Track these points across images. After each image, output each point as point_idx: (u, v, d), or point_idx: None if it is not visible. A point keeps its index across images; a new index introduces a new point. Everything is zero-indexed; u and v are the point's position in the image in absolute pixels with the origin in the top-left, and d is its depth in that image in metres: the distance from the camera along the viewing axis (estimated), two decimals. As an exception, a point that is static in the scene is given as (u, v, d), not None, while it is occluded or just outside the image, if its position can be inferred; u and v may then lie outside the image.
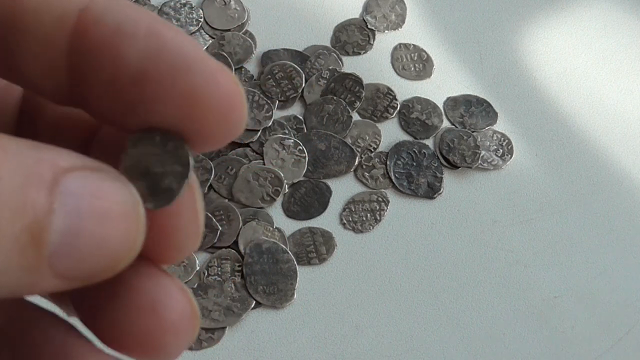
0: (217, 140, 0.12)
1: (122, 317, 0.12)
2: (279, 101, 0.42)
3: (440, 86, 0.44)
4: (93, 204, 0.11)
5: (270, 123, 0.41)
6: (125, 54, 0.12)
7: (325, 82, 0.43)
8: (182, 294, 0.13)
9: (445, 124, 0.43)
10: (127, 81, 0.12)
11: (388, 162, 0.41)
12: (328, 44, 0.44)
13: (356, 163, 0.41)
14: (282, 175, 0.40)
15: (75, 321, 0.14)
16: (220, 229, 0.39)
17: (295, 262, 0.38)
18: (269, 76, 0.43)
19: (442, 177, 0.41)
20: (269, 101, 0.42)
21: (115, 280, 0.12)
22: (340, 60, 0.44)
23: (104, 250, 0.11)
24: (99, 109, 0.13)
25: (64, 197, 0.11)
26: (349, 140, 0.41)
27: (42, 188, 0.10)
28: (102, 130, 0.14)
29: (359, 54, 0.44)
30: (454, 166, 0.41)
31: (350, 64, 0.44)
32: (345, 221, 0.40)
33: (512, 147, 0.42)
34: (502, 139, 0.42)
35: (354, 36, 0.45)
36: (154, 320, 0.12)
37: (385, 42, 0.45)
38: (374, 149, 0.41)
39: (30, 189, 0.10)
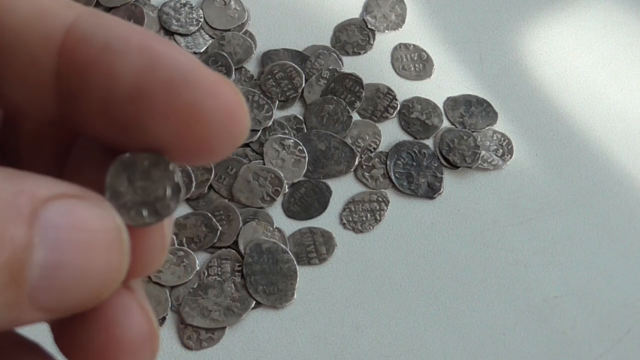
0: (218, 153, 0.12)
1: (79, 331, 0.12)
2: (279, 101, 0.42)
3: (440, 86, 0.44)
4: (74, 235, 0.11)
5: (270, 123, 0.41)
6: (118, 71, 0.11)
7: (325, 82, 0.43)
8: (141, 313, 0.12)
9: (445, 124, 0.43)
10: (121, 99, 0.11)
11: (388, 162, 0.41)
12: (328, 44, 0.44)
13: (356, 163, 0.41)
14: (282, 175, 0.40)
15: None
16: (220, 229, 0.39)
17: (295, 262, 0.38)
18: (269, 76, 0.43)
19: (442, 177, 0.41)
20: (269, 101, 0.42)
21: None
22: (340, 60, 0.44)
23: (87, 282, 0.11)
24: (92, 130, 0.12)
25: (44, 230, 0.10)
26: (349, 140, 0.41)
27: (21, 222, 0.10)
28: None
29: (359, 54, 0.44)
30: (454, 166, 0.41)
31: (350, 64, 0.44)
32: (345, 221, 0.40)
33: (512, 147, 0.42)
34: (502, 139, 0.42)
35: (354, 36, 0.45)
36: (108, 338, 0.12)
37: (385, 42, 0.45)
38: (374, 149, 0.41)
39: (8, 225, 0.10)
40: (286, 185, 0.40)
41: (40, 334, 0.14)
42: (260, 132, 0.41)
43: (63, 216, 0.11)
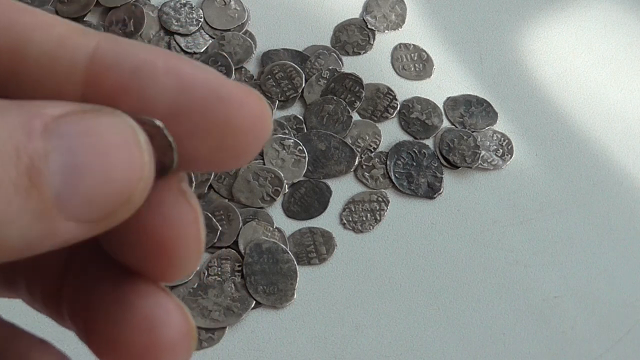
0: (247, 158, 0.12)
1: (119, 333, 0.12)
2: (279, 101, 0.42)
3: (440, 86, 0.44)
4: (89, 139, 0.11)
5: (270, 123, 0.41)
6: (149, 94, 0.12)
7: (325, 82, 0.43)
8: (180, 312, 0.13)
9: (445, 124, 0.43)
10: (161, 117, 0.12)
11: (388, 162, 0.41)
12: (328, 44, 0.44)
13: (356, 163, 0.41)
14: (282, 175, 0.40)
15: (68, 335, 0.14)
16: (220, 229, 0.39)
17: (295, 262, 0.38)
18: (269, 76, 0.43)
19: (442, 177, 0.41)
20: (269, 101, 0.42)
21: (113, 297, 0.12)
22: (340, 60, 0.44)
23: (111, 183, 0.11)
24: None
25: (59, 139, 0.11)
26: (349, 140, 0.41)
27: (34, 135, 0.10)
28: None
29: (359, 54, 0.44)
30: (454, 166, 0.41)
31: (350, 64, 0.44)
32: (345, 221, 0.40)
33: (512, 147, 0.42)
34: (502, 139, 0.42)
35: (354, 36, 0.45)
36: (151, 338, 0.12)
37: (385, 42, 0.45)
38: (374, 149, 0.41)
39: (21, 138, 0.10)
40: (286, 185, 0.40)
41: (51, 334, 0.14)
42: (260, 132, 0.41)
43: (76, 126, 0.11)
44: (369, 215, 0.40)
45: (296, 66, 0.43)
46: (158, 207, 0.12)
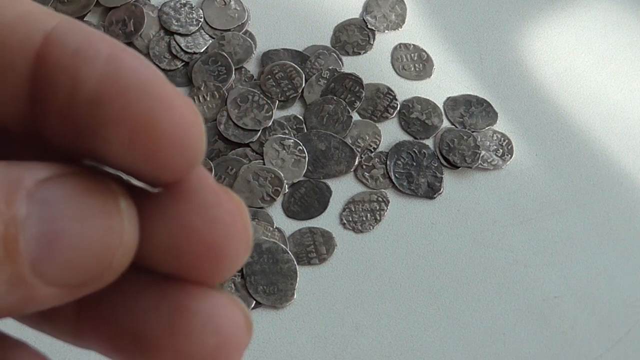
0: (169, 170, 0.12)
1: (182, 343, 0.12)
2: (279, 101, 0.42)
3: (440, 86, 0.44)
4: (66, 206, 0.11)
5: (270, 123, 0.41)
6: (83, 76, 0.11)
7: (325, 82, 0.43)
8: (237, 306, 0.13)
9: (445, 124, 0.43)
10: (82, 104, 0.12)
11: (388, 162, 0.41)
12: (328, 44, 0.44)
13: (356, 163, 0.41)
14: (282, 175, 0.40)
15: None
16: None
17: (295, 262, 0.38)
18: (269, 76, 0.43)
19: (442, 177, 0.41)
20: (269, 101, 0.42)
21: (165, 307, 0.12)
22: (340, 60, 0.44)
23: (89, 249, 0.11)
24: (52, 137, 0.12)
25: (36, 206, 0.11)
26: (349, 140, 0.41)
27: (14, 201, 0.11)
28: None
29: (359, 54, 0.44)
30: (454, 166, 0.41)
31: (350, 64, 0.44)
32: (345, 221, 0.40)
33: (512, 147, 0.42)
34: (502, 139, 0.42)
35: (354, 36, 0.45)
36: (219, 340, 0.12)
37: (385, 42, 0.45)
38: (374, 149, 0.41)
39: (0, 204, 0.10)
40: (286, 185, 0.40)
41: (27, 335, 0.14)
42: (260, 132, 0.41)
43: (55, 191, 0.11)
44: (369, 215, 0.40)
45: (296, 66, 0.43)
46: (201, 208, 0.12)
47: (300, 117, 0.42)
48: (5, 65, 0.12)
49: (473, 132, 0.42)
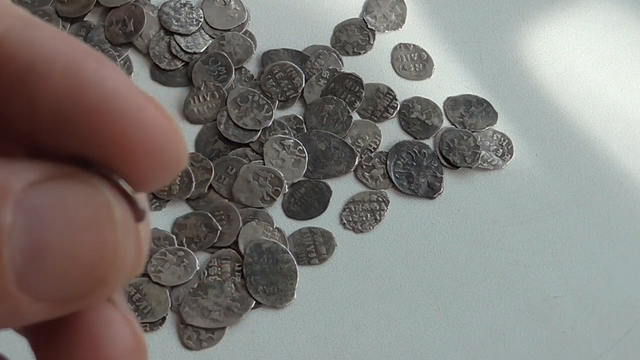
0: (152, 182, 0.11)
1: (64, 351, 0.11)
2: (279, 101, 0.42)
3: (440, 86, 0.44)
4: (55, 214, 0.10)
5: (270, 123, 0.41)
6: (40, 95, 0.10)
7: (325, 82, 0.43)
8: (127, 327, 0.12)
9: (445, 124, 0.43)
10: (43, 122, 0.10)
11: (388, 162, 0.41)
12: (328, 44, 0.44)
13: (356, 163, 0.41)
14: (282, 175, 0.40)
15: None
16: (220, 229, 0.39)
17: (295, 262, 0.38)
18: (269, 76, 0.43)
19: (442, 177, 0.41)
20: (269, 101, 0.42)
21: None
22: (340, 60, 0.44)
23: (79, 263, 0.10)
24: (27, 148, 0.11)
25: (23, 213, 0.10)
26: (349, 140, 0.41)
27: None
28: None
29: (359, 54, 0.44)
30: (454, 166, 0.41)
31: (350, 64, 0.44)
32: (345, 221, 0.40)
33: (512, 147, 0.42)
34: (502, 139, 0.42)
35: (354, 36, 0.45)
36: (96, 356, 0.11)
37: (385, 42, 0.45)
38: (374, 149, 0.41)
39: None
40: (286, 185, 0.40)
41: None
42: (260, 132, 0.41)
43: (44, 197, 0.10)
44: (369, 215, 0.40)
45: (296, 66, 0.43)
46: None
47: (300, 117, 0.42)
48: None
49: (473, 132, 0.42)
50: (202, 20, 0.44)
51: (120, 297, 0.12)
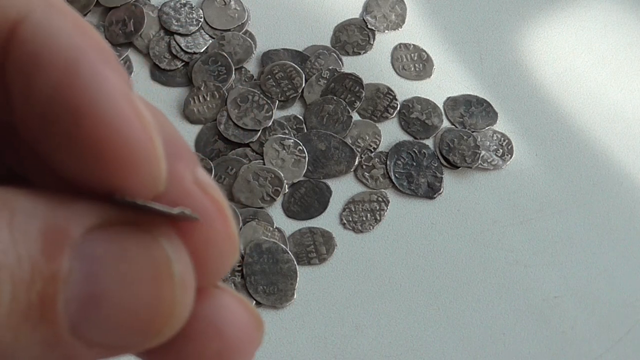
0: (136, 191, 0.11)
1: (184, 346, 0.11)
2: (279, 101, 0.42)
3: (440, 86, 0.44)
4: (114, 265, 0.10)
5: (270, 123, 0.41)
6: (34, 87, 0.10)
7: (325, 82, 0.43)
8: (243, 308, 0.12)
9: (445, 124, 0.43)
10: (33, 113, 0.10)
11: (388, 162, 0.41)
12: (328, 44, 0.44)
13: (356, 163, 0.41)
14: (282, 175, 0.40)
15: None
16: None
17: (295, 262, 0.38)
18: (269, 76, 0.43)
19: (442, 177, 0.41)
20: (269, 101, 0.42)
21: None
22: (340, 60, 0.44)
23: (135, 316, 0.10)
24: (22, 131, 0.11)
25: (81, 261, 0.10)
26: (349, 140, 0.41)
27: (54, 255, 0.09)
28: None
29: (359, 54, 0.44)
30: (454, 166, 0.41)
31: (350, 64, 0.44)
32: (345, 221, 0.40)
33: (512, 147, 0.42)
34: (502, 139, 0.42)
35: (354, 36, 0.45)
36: (221, 343, 0.11)
37: (385, 42, 0.45)
38: (374, 149, 0.41)
39: (40, 256, 0.09)
40: (286, 185, 0.40)
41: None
42: (260, 132, 0.41)
43: (103, 245, 0.10)
44: (369, 215, 0.40)
45: (296, 66, 0.43)
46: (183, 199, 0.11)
47: (300, 117, 0.42)
48: None
49: (473, 132, 0.42)
50: (202, 20, 0.44)
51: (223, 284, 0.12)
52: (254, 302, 0.37)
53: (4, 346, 0.09)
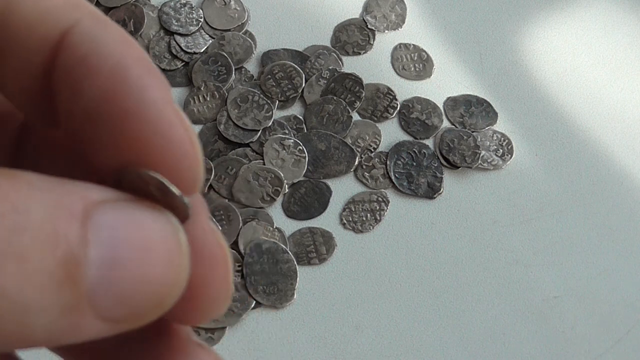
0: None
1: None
2: (279, 101, 0.42)
3: (440, 86, 0.44)
4: (131, 233, 0.10)
5: (270, 123, 0.41)
6: (84, 89, 0.11)
7: (325, 82, 0.43)
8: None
9: (445, 124, 0.43)
10: (79, 114, 0.11)
11: (388, 162, 0.41)
12: (328, 44, 0.44)
13: (356, 163, 0.41)
14: (282, 175, 0.40)
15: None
16: (220, 229, 0.39)
17: (295, 262, 0.38)
18: (269, 76, 0.43)
19: (442, 177, 0.41)
20: (269, 101, 0.42)
21: (143, 356, 0.12)
22: (340, 60, 0.44)
23: (147, 285, 0.10)
24: (70, 138, 0.12)
25: (98, 229, 0.10)
26: (349, 140, 0.41)
27: (74, 220, 0.10)
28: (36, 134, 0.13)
29: (359, 54, 0.44)
30: (454, 166, 0.41)
31: (350, 64, 0.44)
32: (345, 221, 0.40)
33: (512, 147, 0.42)
34: (502, 139, 0.42)
35: (354, 36, 0.45)
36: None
37: (385, 42, 0.45)
38: (374, 149, 0.41)
39: (61, 221, 0.09)
40: (286, 185, 0.40)
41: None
42: (260, 132, 0.41)
43: (118, 216, 0.10)
44: (369, 215, 0.40)
45: (296, 66, 0.43)
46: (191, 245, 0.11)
47: (300, 117, 0.42)
48: (22, 62, 0.11)
49: (473, 132, 0.42)
50: (202, 20, 0.44)
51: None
52: (254, 302, 0.37)
53: (26, 305, 0.09)
